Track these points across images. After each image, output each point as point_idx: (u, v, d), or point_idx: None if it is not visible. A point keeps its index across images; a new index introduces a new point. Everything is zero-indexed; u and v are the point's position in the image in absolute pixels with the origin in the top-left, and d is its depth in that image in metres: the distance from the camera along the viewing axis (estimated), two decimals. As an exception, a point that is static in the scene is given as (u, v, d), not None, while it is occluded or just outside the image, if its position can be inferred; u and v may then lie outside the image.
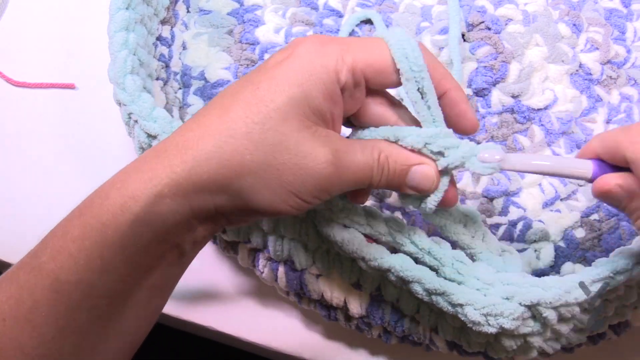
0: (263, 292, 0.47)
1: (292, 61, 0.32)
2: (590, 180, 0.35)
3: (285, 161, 0.31)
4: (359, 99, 0.34)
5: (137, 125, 0.42)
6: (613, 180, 0.34)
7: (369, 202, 0.46)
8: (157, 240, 0.32)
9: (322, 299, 0.42)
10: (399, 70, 0.33)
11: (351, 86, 0.33)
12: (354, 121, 0.36)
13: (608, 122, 0.49)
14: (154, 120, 0.41)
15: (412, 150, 0.34)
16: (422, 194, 0.35)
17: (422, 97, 0.34)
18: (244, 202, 0.32)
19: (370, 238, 0.38)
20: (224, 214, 0.33)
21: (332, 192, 0.33)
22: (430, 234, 0.40)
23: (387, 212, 0.42)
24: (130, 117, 0.42)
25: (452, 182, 0.36)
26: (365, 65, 0.33)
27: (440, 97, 0.35)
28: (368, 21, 0.51)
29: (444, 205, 0.36)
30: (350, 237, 0.37)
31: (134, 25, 0.45)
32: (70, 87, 0.54)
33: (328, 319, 0.44)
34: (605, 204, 0.44)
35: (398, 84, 0.34)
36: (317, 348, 0.46)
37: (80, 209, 0.32)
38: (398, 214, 0.45)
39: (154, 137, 0.41)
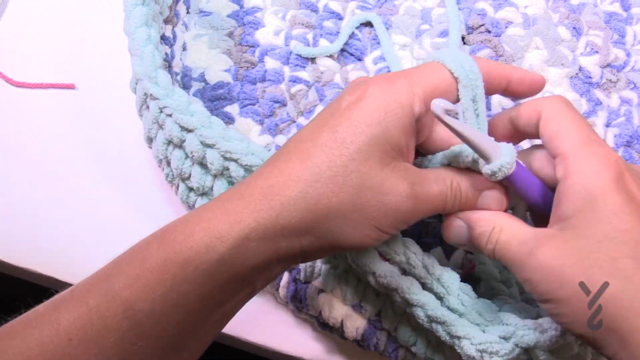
0: (263, 292, 0.47)
1: (366, 101, 0.33)
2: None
3: (369, 199, 0.33)
4: (429, 125, 0.36)
5: (169, 119, 0.41)
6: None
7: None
8: (235, 279, 0.33)
9: (320, 315, 0.42)
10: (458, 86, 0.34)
11: (423, 115, 0.34)
12: (422, 149, 0.37)
13: (608, 125, 0.49)
14: (191, 114, 0.41)
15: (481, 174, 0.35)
16: None
17: (473, 105, 0.35)
18: (329, 241, 0.33)
19: (384, 257, 0.38)
20: (306, 253, 0.34)
21: (410, 222, 0.34)
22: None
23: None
24: (162, 111, 0.42)
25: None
26: (432, 91, 0.34)
27: (508, 85, 0.36)
28: (368, 24, 0.51)
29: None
30: (365, 250, 0.38)
31: (151, 21, 0.44)
32: (70, 87, 0.54)
33: (323, 330, 0.44)
34: None
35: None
36: (316, 348, 0.46)
37: (159, 240, 0.33)
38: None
39: (190, 131, 0.41)
